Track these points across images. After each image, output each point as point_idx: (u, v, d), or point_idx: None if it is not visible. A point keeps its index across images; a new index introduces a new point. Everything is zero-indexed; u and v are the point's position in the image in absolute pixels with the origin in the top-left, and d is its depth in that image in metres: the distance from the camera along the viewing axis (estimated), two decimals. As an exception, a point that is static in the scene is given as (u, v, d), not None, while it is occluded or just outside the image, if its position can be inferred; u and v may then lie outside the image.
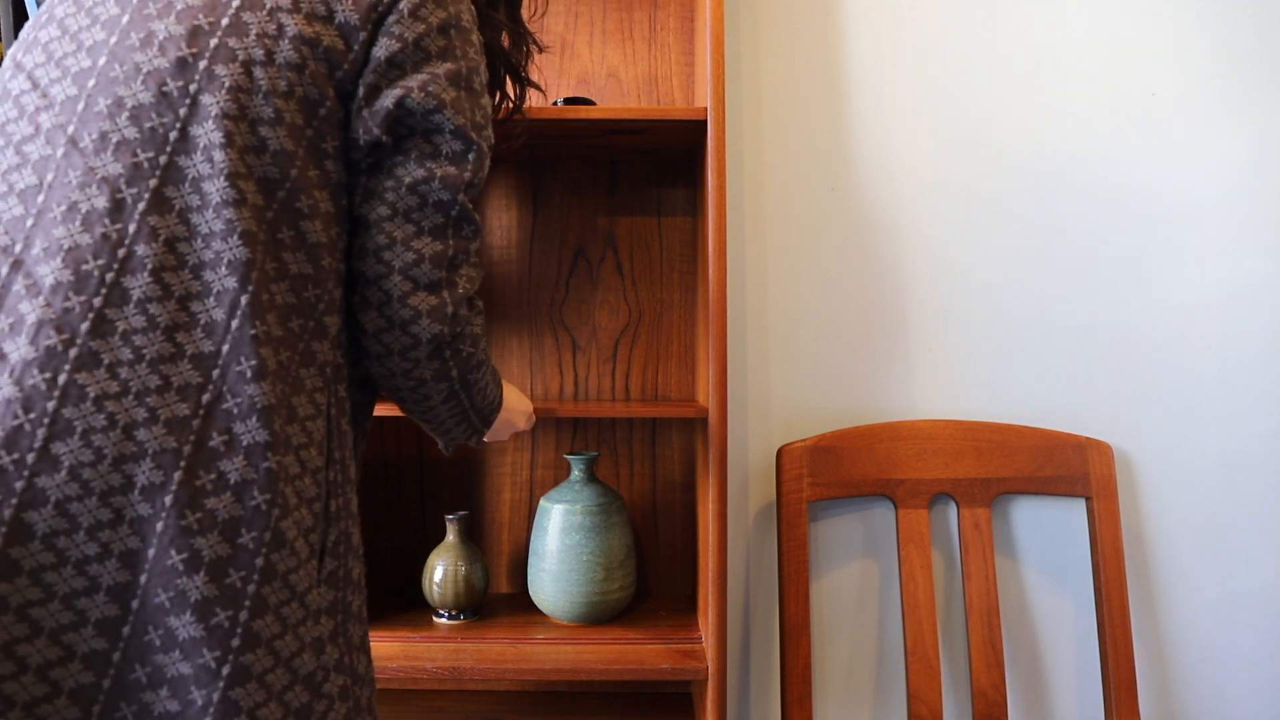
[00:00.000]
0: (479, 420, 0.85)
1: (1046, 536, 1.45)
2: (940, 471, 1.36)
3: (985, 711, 1.30)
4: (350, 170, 0.71)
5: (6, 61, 0.70)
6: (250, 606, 0.60)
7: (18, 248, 0.61)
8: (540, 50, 1.05)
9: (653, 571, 1.46)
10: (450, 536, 1.32)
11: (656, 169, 1.45)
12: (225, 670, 0.58)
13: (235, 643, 0.59)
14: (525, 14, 1.02)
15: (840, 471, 1.34)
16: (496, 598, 1.43)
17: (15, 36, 1.24)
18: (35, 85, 0.66)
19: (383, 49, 0.69)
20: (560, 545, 1.27)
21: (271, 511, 0.61)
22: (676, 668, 1.15)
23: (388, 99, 0.69)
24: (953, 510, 1.43)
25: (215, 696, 0.58)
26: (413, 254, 0.71)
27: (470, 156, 0.72)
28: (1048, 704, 1.45)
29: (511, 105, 1.02)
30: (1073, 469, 1.36)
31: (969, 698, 1.43)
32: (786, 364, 1.45)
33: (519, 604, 1.39)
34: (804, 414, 1.45)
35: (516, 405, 1.01)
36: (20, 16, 1.24)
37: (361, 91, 0.69)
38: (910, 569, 1.33)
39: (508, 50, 0.95)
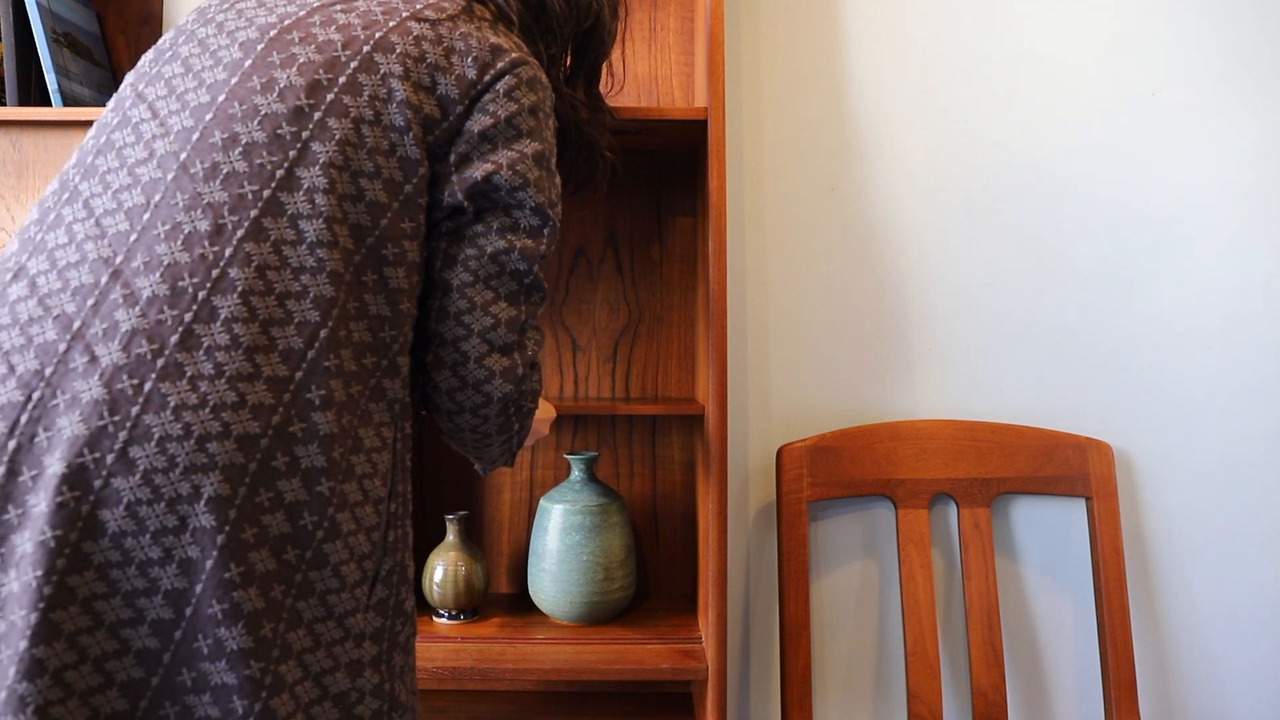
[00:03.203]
0: (518, 448, 0.90)
1: (1046, 536, 1.45)
2: (940, 471, 1.36)
3: (985, 711, 1.30)
4: (428, 226, 0.75)
5: (128, 90, 0.75)
6: (287, 619, 0.62)
7: (119, 259, 0.64)
8: (614, 120, 1.12)
9: (653, 571, 1.46)
10: (450, 536, 1.32)
11: (656, 169, 1.45)
12: (268, 680, 0.60)
13: (275, 653, 0.61)
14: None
15: (840, 471, 1.34)
16: (496, 598, 1.43)
17: (15, 37, 1.24)
18: (155, 115, 0.71)
19: (477, 123, 0.75)
20: (560, 545, 1.27)
21: (316, 533, 0.64)
22: (676, 668, 1.15)
23: (478, 171, 0.74)
24: (953, 510, 1.43)
25: (258, 707, 0.60)
26: (490, 318, 0.76)
27: (545, 231, 0.78)
28: (1048, 704, 1.45)
29: (583, 174, 1.07)
30: (1073, 469, 1.36)
31: (969, 698, 1.43)
32: (786, 364, 1.45)
33: (519, 604, 1.40)
34: (804, 414, 1.45)
35: (543, 415, 1.04)
36: (20, 17, 1.24)
37: (453, 159, 0.74)
38: (910, 569, 1.33)
39: (583, 123, 1.01)
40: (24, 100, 1.25)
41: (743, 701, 1.45)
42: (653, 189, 1.45)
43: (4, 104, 1.28)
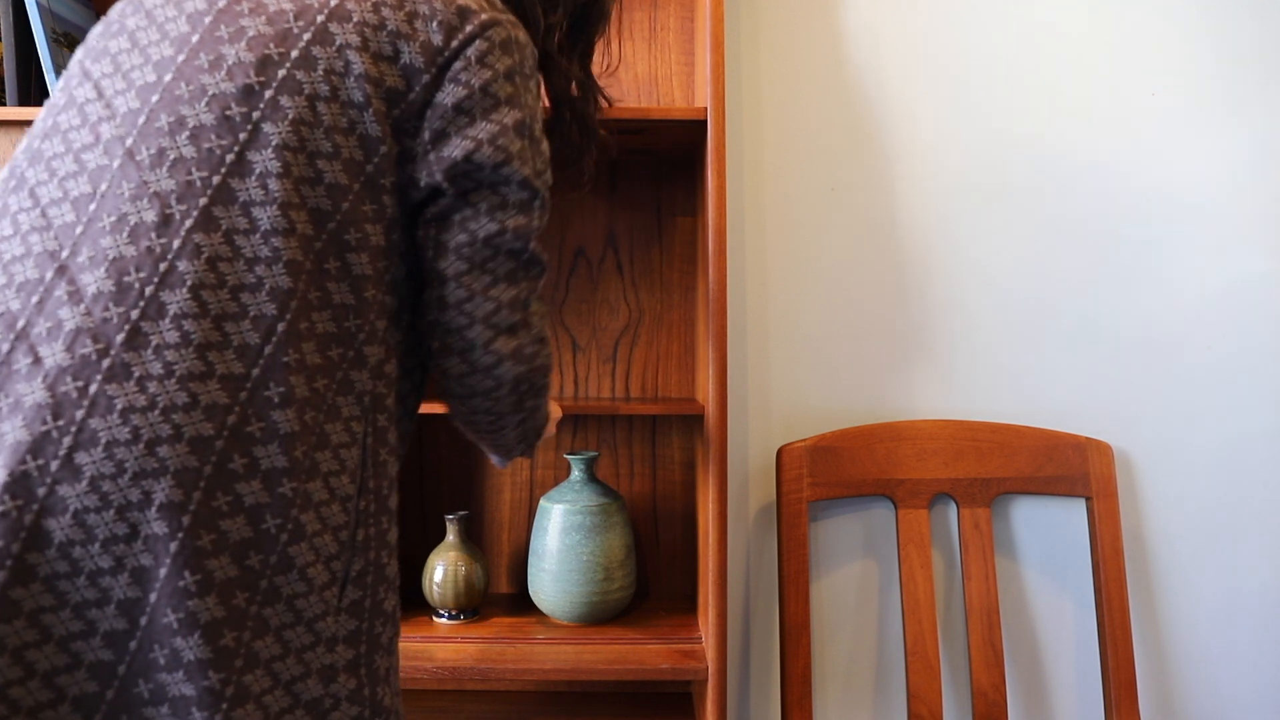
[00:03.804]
0: (535, 437, 0.87)
1: (1046, 536, 1.45)
2: (940, 471, 1.36)
3: (985, 711, 1.30)
4: (406, 207, 0.71)
5: (75, 68, 0.70)
6: (252, 627, 0.60)
7: (64, 254, 0.61)
8: (609, 105, 1.08)
9: (653, 571, 1.46)
10: (450, 536, 1.32)
11: (656, 169, 1.45)
12: (229, 691, 0.58)
13: (239, 663, 0.59)
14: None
15: (840, 471, 1.34)
16: (496, 598, 1.43)
17: (15, 37, 1.24)
18: (100, 95, 0.67)
19: (450, 95, 0.69)
20: (560, 545, 1.27)
21: (280, 536, 0.61)
22: (676, 668, 1.15)
23: (456, 149, 0.70)
24: (953, 510, 1.43)
25: (218, 719, 0.57)
26: (491, 303, 0.72)
27: (536, 204, 0.74)
28: (1048, 704, 1.45)
29: (576, 149, 1.02)
30: (1073, 469, 1.36)
31: (969, 698, 1.43)
32: (786, 364, 1.45)
33: (519, 604, 1.40)
34: (804, 414, 1.45)
35: (552, 413, 1.02)
36: (20, 17, 1.24)
37: (427, 135, 0.70)
38: (910, 569, 1.33)
39: (575, 99, 0.97)
40: (24, 100, 1.25)
41: (743, 701, 1.45)
42: (653, 189, 1.45)
43: (4, 104, 1.28)
